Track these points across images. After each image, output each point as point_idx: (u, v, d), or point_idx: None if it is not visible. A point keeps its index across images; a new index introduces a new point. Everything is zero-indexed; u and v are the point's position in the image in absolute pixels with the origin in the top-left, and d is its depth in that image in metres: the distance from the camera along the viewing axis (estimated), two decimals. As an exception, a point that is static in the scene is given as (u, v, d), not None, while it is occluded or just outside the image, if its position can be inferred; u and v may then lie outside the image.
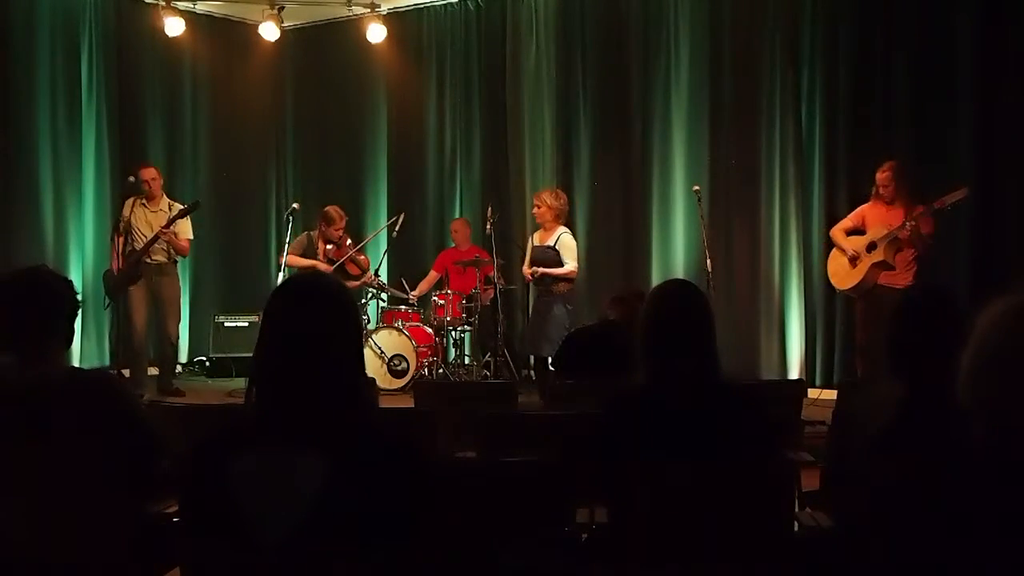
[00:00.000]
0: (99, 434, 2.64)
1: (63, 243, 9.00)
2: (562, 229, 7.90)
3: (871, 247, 6.90)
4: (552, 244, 7.80)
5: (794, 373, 7.97)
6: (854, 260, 6.97)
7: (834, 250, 7.19)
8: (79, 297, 2.82)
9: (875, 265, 6.87)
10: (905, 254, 6.85)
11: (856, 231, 7.07)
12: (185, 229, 8.10)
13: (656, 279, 8.36)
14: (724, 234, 8.30)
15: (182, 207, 8.09)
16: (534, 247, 7.88)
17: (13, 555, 2.54)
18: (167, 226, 7.90)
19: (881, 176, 6.92)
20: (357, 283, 8.46)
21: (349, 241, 8.50)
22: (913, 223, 6.71)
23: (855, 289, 7.02)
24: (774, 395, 4.71)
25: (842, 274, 7.09)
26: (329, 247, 8.39)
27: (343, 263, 8.29)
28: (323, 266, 8.11)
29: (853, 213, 7.18)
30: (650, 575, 2.53)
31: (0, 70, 8.72)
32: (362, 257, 8.58)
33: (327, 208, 8.48)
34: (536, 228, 8.07)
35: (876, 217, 6.97)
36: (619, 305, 5.16)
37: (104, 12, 9.39)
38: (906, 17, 7.61)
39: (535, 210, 7.86)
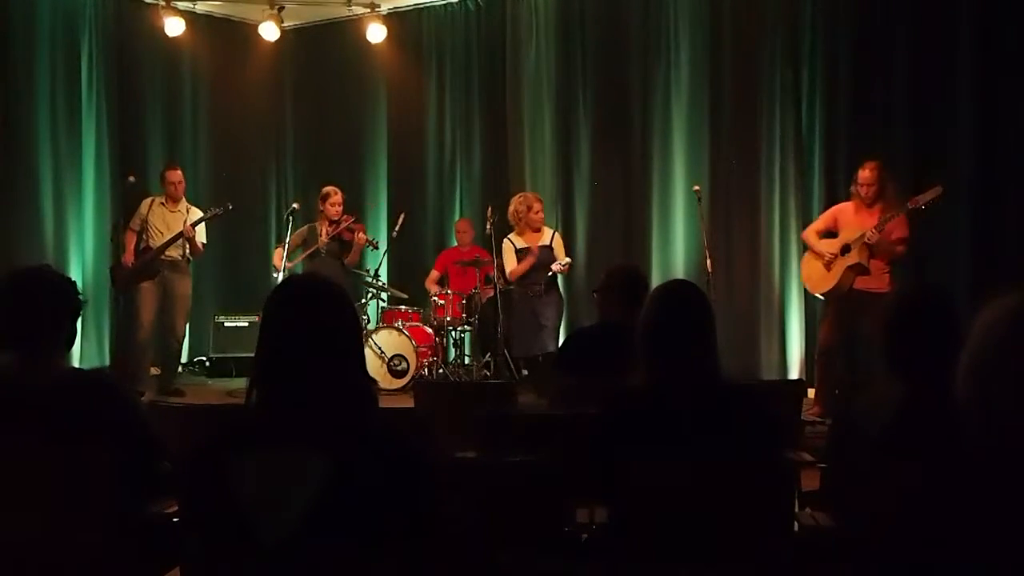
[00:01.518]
0: (99, 434, 2.64)
1: (63, 243, 9.00)
2: (551, 228, 8.10)
3: (845, 249, 6.75)
4: (548, 243, 7.90)
5: (794, 373, 7.97)
6: (829, 264, 6.82)
7: (807, 253, 7.04)
8: (81, 297, 2.82)
9: (850, 268, 6.70)
10: (879, 259, 6.68)
11: (829, 234, 6.94)
12: (200, 233, 8.15)
13: (656, 279, 8.34)
14: (724, 234, 8.30)
15: (212, 210, 8.21)
16: (527, 248, 7.85)
17: (14, 555, 2.54)
18: (196, 224, 7.97)
19: (864, 174, 6.71)
20: (356, 249, 8.45)
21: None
22: (876, 231, 6.54)
23: (831, 292, 6.84)
24: (774, 395, 4.70)
25: (817, 278, 6.92)
26: (331, 225, 8.37)
27: (340, 235, 8.28)
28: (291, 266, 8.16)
29: (825, 214, 7.08)
30: (650, 575, 2.53)
31: (0, 70, 8.73)
32: (358, 226, 8.56)
33: (323, 188, 8.48)
34: (509, 230, 8.07)
35: (851, 219, 6.78)
36: (604, 295, 5.00)
37: (104, 12, 9.38)
38: (906, 17, 7.61)
39: (539, 214, 7.86)
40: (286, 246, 8.31)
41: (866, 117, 7.79)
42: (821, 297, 7.09)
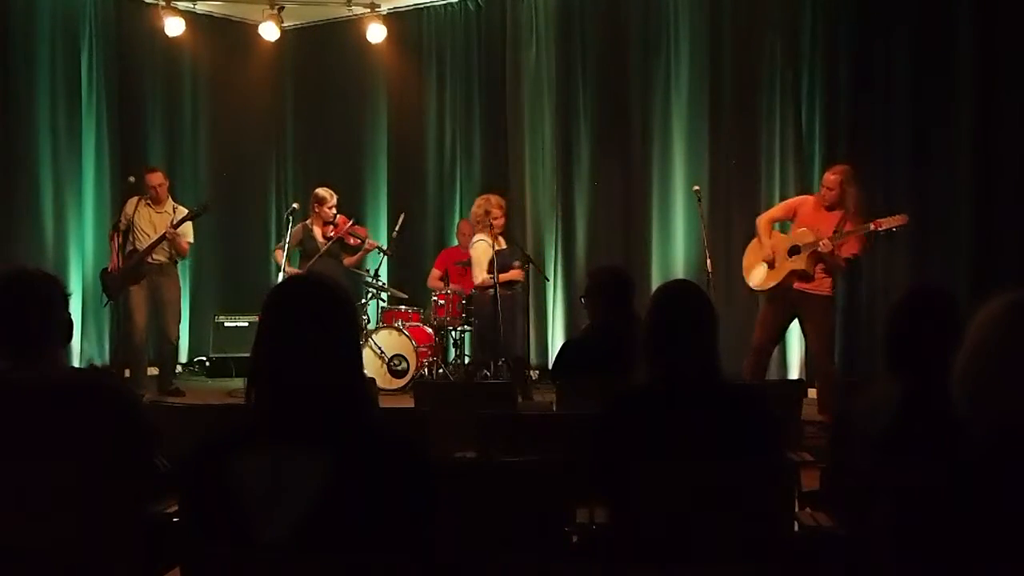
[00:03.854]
0: (99, 434, 2.63)
1: (63, 243, 9.01)
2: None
3: (793, 251, 6.66)
4: (506, 247, 7.74)
5: (794, 373, 7.97)
6: (771, 262, 6.74)
7: (755, 241, 6.95)
8: (68, 292, 2.80)
9: (794, 272, 6.63)
10: (821, 266, 6.61)
11: (782, 227, 6.89)
12: (187, 231, 8.14)
13: (656, 279, 8.36)
14: (724, 234, 8.29)
15: (190, 209, 8.16)
16: (500, 251, 7.64)
17: (13, 555, 2.54)
18: (176, 226, 7.95)
19: (829, 177, 6.64)
20: (360, 253, 8.41)
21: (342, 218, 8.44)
22: (831, 242, 6.45)
23: (771, 290, 6.78)
24: (774, 395, 4.70)
25: (758, 272, 6.82)
26: (327, 227, 8.35)
27: (342, 238, 8.26)
28: (292, 271, 7.95)
29: (785, 203, 7.01)
30: (650, 575, 2.53)
31: (0, 70, 8.73)
32: (359, 228, 8.52)
33: (317, 189, 8.42)
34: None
35: (809, 216, 6.68)
36: (590, 300, 4.95)
37: (104, 12, 9.39)
38: (906, 17, 7.61)
39: (504, 219, 7.59)
40: (286, 246, 8.31)
41: (866, 117, 7.80)
42: (761, 293, 6.97)
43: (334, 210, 8.33)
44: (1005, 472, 1.68)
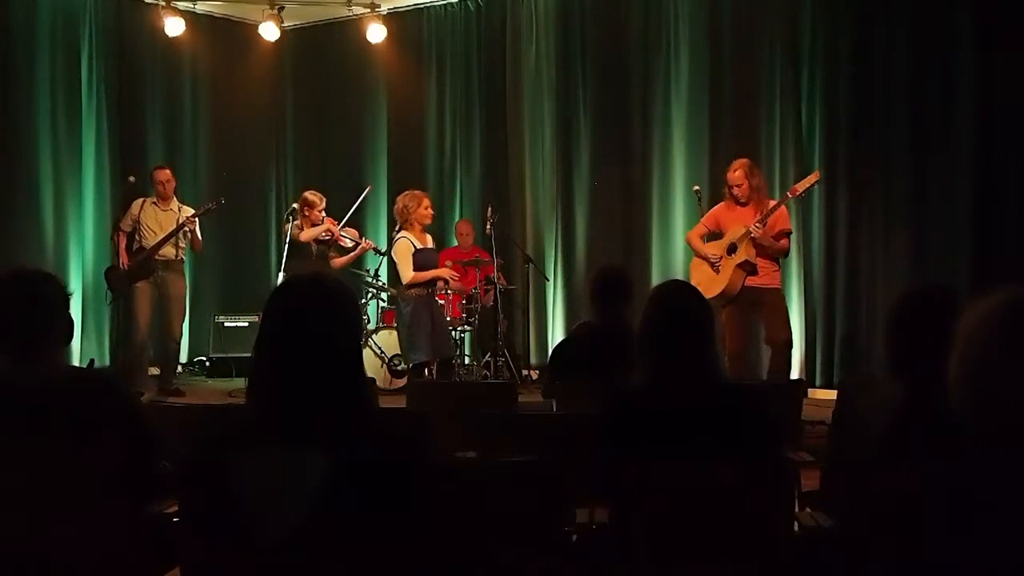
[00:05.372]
0: (99, 434, 2.63)
1: (63, 243, 9.01)
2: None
3: (731, 249, 6.66)
4: (432, 247, 7.59)
5: (794, 373, 7.96)
6: (716, 265, 6.71)
7: (695, 258, 6.95)
8: (68, 292, 2.80)
9: (739, 267, 6.61)
10: (765, 258, 6.63)
11: (713, 237, 6.85)
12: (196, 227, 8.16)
13: (656, 279, 8.36)
14: (724, 234, 8.29)
15: (208, 204, 8.26)
16: (423, 249, 7.40)
17: (13, 555, 2.54)
18: (196, 216, 8.01)
19: (732, 175, 6.71)
20: (354, 254, 8.38)
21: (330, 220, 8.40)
22: (759, 225, 6.50)
23: (721, 296, 6.63)
24: (774, 395, 4.70)
25: (706, 282, 6.66)
26: (317, 230, 8.29)
27: (335, 240, 8.24)
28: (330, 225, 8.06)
29: (706, 216, 6.98)
30: (650, 575, 2.53)
31: (0, 70, 8.73)
32: (350, 230, 8.49)
33: (305, 193, 8.34)
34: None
35: (731, 219, 6.74)
36: (588, 301, 4.96)
37: (104, 12, 9.40)
38: (906, 17, 7.61)
39: (428, 210, 7.38)
40: (299, 235, 8.14)
41: (866, 117, 7.80)
42: (717, 302, 6.64)
43: (323, 213, 8.29)
44: (1005, 472, 1.68)
